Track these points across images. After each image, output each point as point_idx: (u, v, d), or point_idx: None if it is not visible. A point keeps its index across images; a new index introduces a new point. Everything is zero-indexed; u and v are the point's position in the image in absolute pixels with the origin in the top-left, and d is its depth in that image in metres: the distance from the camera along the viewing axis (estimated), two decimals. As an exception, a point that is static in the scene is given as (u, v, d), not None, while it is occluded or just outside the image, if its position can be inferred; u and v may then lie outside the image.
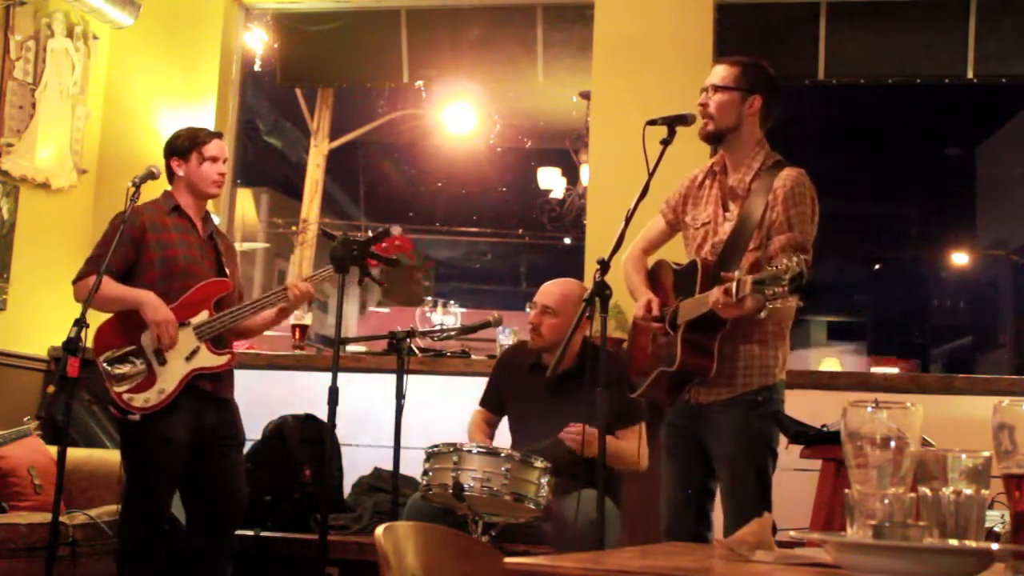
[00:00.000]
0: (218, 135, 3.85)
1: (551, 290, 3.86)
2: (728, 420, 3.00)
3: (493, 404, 4.02)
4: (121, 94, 5.64)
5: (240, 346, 4.40)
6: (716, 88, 3.07)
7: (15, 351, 5.06)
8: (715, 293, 2.76)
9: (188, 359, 3.59)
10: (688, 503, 3.10)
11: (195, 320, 3.62)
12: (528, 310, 3.88)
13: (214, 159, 3.75)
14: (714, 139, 3.11)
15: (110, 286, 3.56)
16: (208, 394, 3.65)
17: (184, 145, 3.76)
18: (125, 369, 3.56)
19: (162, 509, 3.64)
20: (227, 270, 3.79)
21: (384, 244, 3.62)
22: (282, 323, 4.07)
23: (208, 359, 3.63)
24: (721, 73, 3.10)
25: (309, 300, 3.83)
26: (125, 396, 3.54)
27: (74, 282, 3.67)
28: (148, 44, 5.65)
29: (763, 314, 2.66)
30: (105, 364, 3.56)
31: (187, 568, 3.70)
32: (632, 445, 3.66)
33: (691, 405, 3.08)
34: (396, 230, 3.69)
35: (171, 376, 3.57)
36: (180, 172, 3.76)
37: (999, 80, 5.65)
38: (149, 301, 3.56)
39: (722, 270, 2.83)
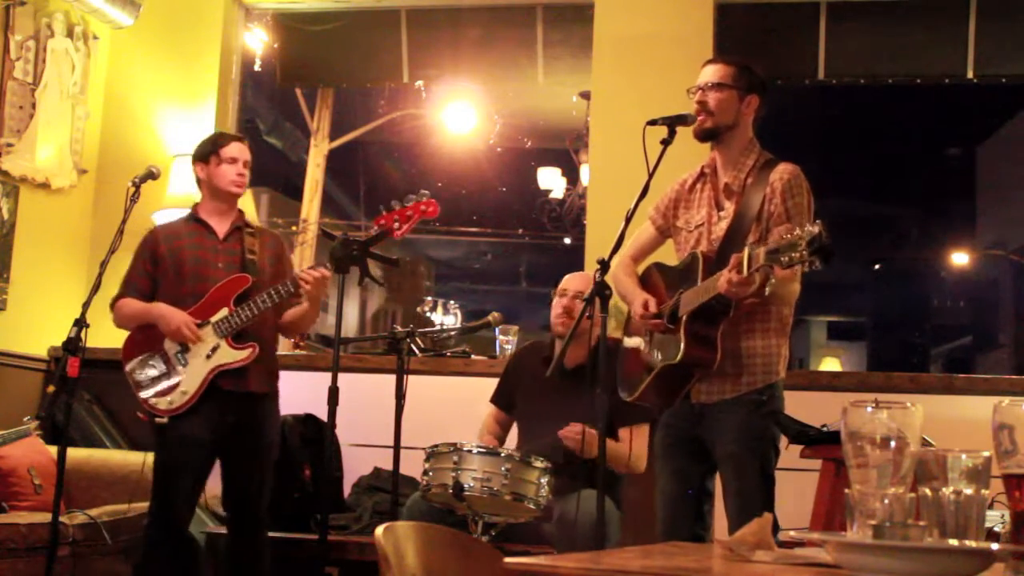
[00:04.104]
0: (238, 138, 3.88)
1: (579, 279, 3.95)
2: (732, 419, 2.98)
3: (504, 401, 4.02)
4: (121, 94, 5.64)
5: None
6: (714, 85, 3.07)
7: (15, 351, 5.05)
8: (725, 273, 2.74)
9: (208, 357, 3.62)
10: (686, 503, 3.09)
11: (214, 318, 3.64)
12: (556, 297, 3.92)
13: (232, 160, 3.78)
14: (710, 136, 3.10)
15: (131, 305, 3.71)
16: (230, 392, 3.65)
17: (205, 150, 3.82)
18: (149, 374, 3.64)
19: (181, 509, 3.65)
20: (256, 265, 3.74)
21: (410, 211, 3.54)
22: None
23: (229, 355, 3.63)
24: (720, 72, 3.10)
25: (323, 287, 3.70)
26: (151, 400, 3.61)
27: (110, 307, 3.77)
28: (148, 44, 5.65)
29: (768, 290, 2.65)
30: (131, 371, 3.65)
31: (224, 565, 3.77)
32: (625, 447, 3.65)
33: (691, 405, 3.07)
34: (426, 194, 3.61)
35: (193, 377, 3.61)
36: (203, 176, 3.81)
37: (999, 80, 5.64)
38: (161, 313, 3.64)
39: (721, 264, 2.82)
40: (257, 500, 3.74)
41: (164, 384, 3.62)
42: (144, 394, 3.62)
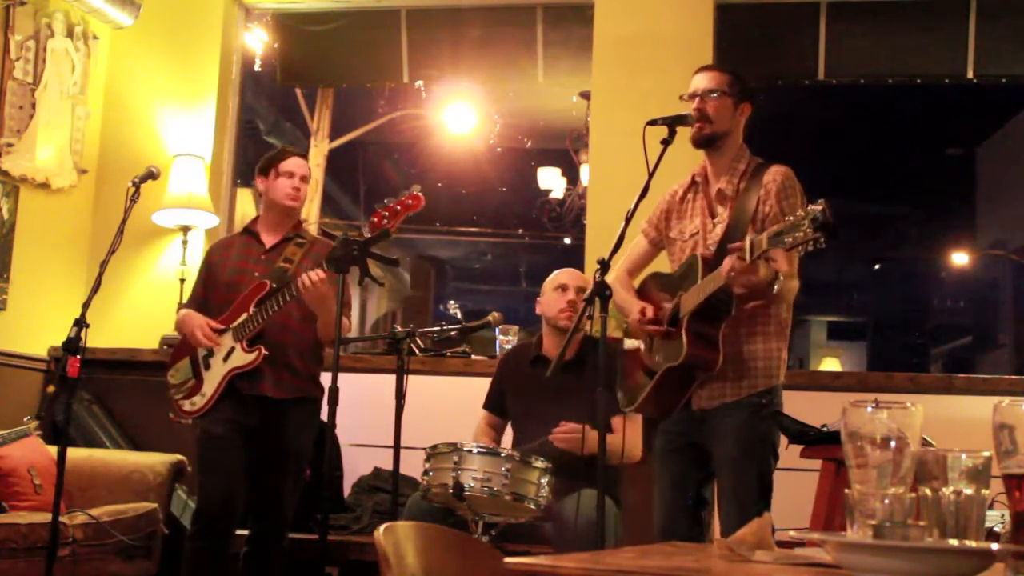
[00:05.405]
0: (298, 153, 3.97)
1: (577, 274, 3.97)
2: (732, 423, 2.98)
3: (495, 406, 4.02)
4: (121, 94, 5.64)
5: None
6: (712, 92, 3.09)
7: (15, 351, 5.06)
8: (727, 263, 2.74)
9: (225, 360, 3.72)
10: (683, 509, 3.09)
11: (234, 323, 3.74)
12: (555, 292, 3.90)
13: (290, 174, 3.84)
14: (708, 143, 3.12)
15: (179, 314, 3.91)
16: (248, 395, 3.71)
17: (265, 163, 3.91)
18: (179, 378, 3.84)
19: (217, 507, 3.67)
20: (286, 272, 3.73)
21: (397, 206, 3.51)
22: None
23: (240, 358, 3.70)
24: (716, 79, 3.12)
25: (320, 290, 3.58)
26: (179, 402, 3.81)
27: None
28: (148, 44, 5.65)
29: (776, 288, 2.66)
30: (168, 375, 3.88)
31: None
32: (618, 438, 3.63)
33: (691, 412, 3.07)
34: (415, 188, 3.59)
35: (212, 380, 3.74)
36: (262, 188, 3.92)
37: (999, 80, 5.64)
38: (183, 318, 3.82)
39: (719, 264, 2.82)
40: (271, 508, 3.76)
41: (191, 387, 3.79)
42: (176, 397, 3.82)
